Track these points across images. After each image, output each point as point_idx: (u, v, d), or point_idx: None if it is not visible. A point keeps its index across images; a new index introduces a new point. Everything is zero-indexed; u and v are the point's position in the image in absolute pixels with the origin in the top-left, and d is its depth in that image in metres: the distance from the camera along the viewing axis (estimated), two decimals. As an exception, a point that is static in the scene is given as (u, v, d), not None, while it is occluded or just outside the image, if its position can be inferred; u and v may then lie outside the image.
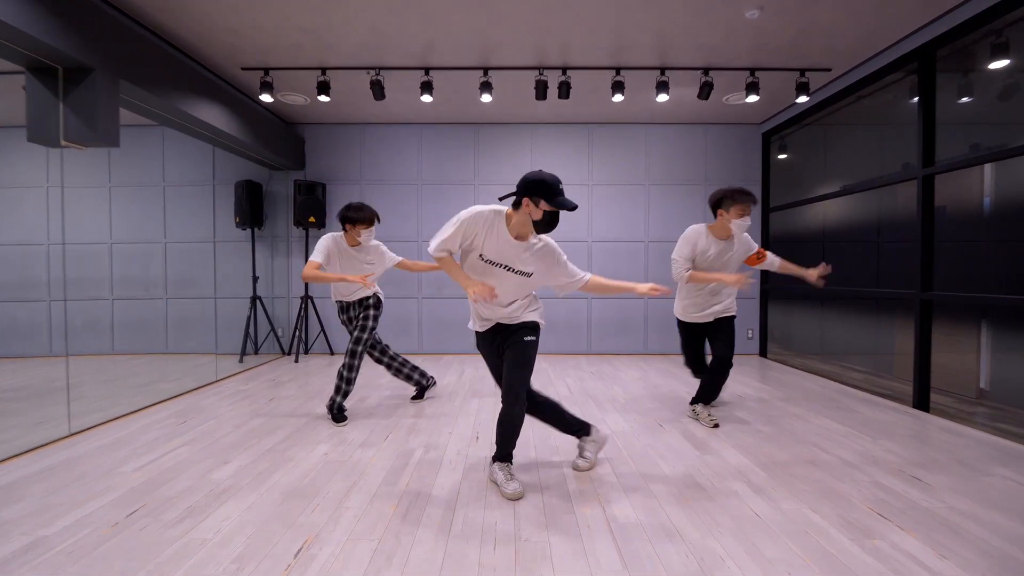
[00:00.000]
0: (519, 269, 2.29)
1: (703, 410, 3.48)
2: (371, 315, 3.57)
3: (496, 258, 2.27)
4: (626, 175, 6.21)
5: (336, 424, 3.40)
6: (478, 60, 4.38)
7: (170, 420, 3.52)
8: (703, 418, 3.44)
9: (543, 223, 2.16)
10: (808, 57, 4.35)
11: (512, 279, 2.31)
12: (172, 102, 3.94)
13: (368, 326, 3.53)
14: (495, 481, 2.45)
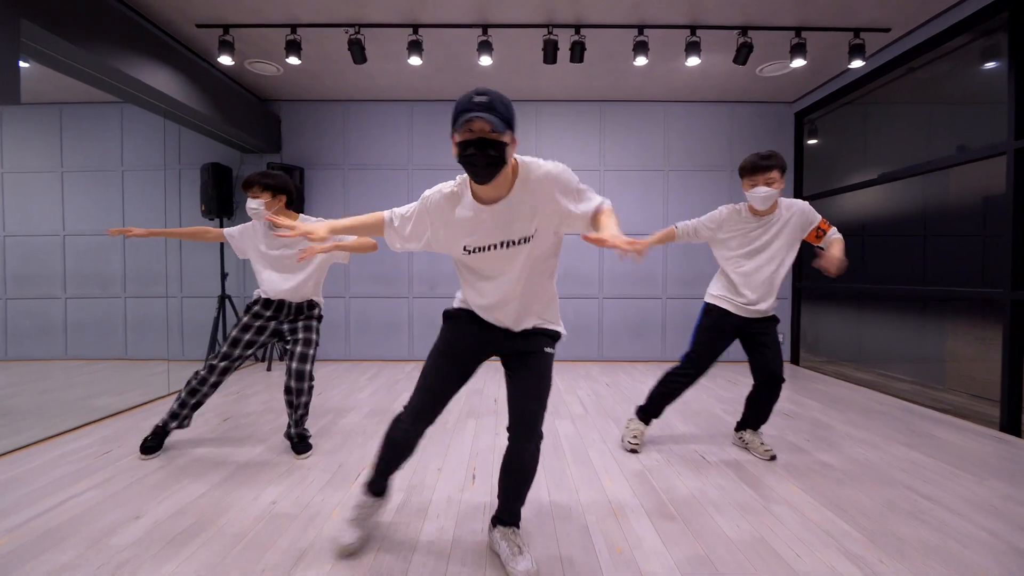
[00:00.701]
0: (510, 238, 1.54)
1: (753, 438, 2.80)
2: (315, 327, 2.81)
3: (477, 240, 1.55)
4: (643, 159, 5.53)
5: (297, 456, 2.71)
6: (476, 15, 3.70)
7: (91, 450, 2.82)
8: (755, 448, 2.76)
9: (466, 159, 1.39)
10: (864, 13, 3.67)
11: (510, 260, 1.57)
12: (105, 59, 3.24)
13: (314, 340, 2.78)
14: (497, 553, 1.76)
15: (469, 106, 1.36)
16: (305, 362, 2.71)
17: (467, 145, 1.37)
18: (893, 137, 5.12)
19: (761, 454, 2.71)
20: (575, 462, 2.67)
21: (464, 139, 1.38)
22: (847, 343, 5.59)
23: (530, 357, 1.69)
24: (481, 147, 1.35)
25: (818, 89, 5.07)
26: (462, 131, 1.37)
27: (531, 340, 1.70)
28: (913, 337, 5.11)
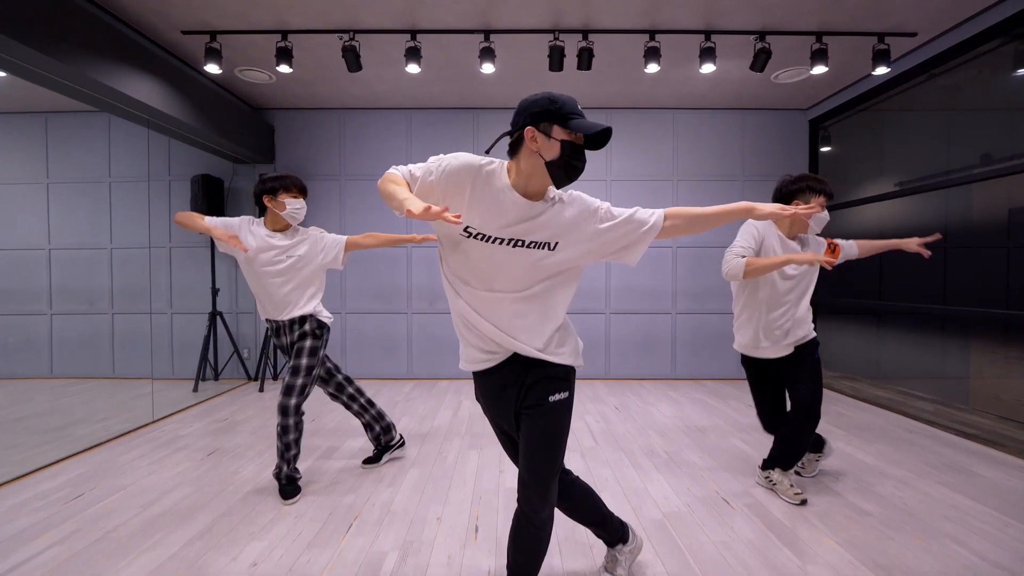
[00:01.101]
0: (534, 240, 1.36)
1: (782, 478, 2.57)
2: (307, 348, 2.56)
3: (492, 225, 1.34)
4: (651, 168, 5.31)
5: (284, 501, 2.48)
6: (478, 20, 3.48)
7: (62, 493, 2.60)
8: (784, 491, 2.53)
9: (562, 163, 1.31)
10: (891, 17, 3.45)
11: (524, 261, 1.38)
12: (81, 69, 3.03)
13: (303, 365, 2.54)
14: None
15: (592, 124, 1.30)
16: (290, 395, 2.49)
17: (577, 149, 1.32)
18: (912, 144, 4.91)
19: (791, 498, 2.48)
20: (587, 508, 2.44)
21: (574, 141, 1.31)
22: (864, 358, 5.36)
23: (539, 407, 1.46)
24: (583, 160, 1.35)
25: (834, 96, 4.85)
26: (574, 135, 1.31)
27: (535, 387, 1.47)
28: (934, 353, 4.89)
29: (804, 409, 2.46)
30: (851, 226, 5.10)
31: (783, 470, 2.58)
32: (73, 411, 4.19)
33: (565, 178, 1.34)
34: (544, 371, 1.47)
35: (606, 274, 5.29)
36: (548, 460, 1.47)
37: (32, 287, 5.34)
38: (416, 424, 3.76)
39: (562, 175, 1.33)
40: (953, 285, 4.64)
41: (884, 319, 5.18)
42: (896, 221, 4.86)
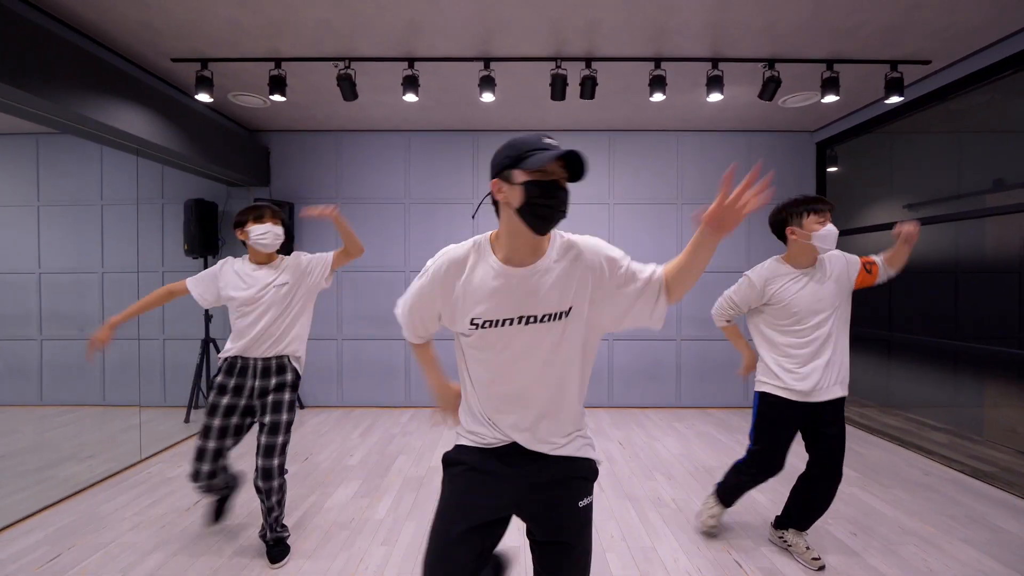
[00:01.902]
0: (542, 313, 1.22)
1: (798, 540, 2.43)
2: (285, 402, 2.34)
3: (497, 311, 1.23)
4: (654, 192, 5.19)
5: (272, 565, 2.35)
6: (477, 48, 3.37)
7: (40, 551, 2.46)
8: (800, 553, 2.39)
9: (527, 207, 1.17)
10: (906, 45, 3.34)
11: (537, 340, 1.23)
12: (70, 105, 2.92)
13: (283, 422, 2.32)
14: None
15: (543, 145, 1.16)
16: (271, 455, 2.29)
17: (544, 187, 1.16)
18: (921, 167, 4.80)
19: (808, 563, 2.34)
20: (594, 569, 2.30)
21: (543, 178, 1.16)
22: (873, 384, 5.23)
23: (559, 521, 1.28)
24: (561, 194, 1.18)
25: (843, 119, 4.74)
26: (541, 172, 1.16)
27: (559, 484, 1.28)
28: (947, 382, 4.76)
29: (828, 469, 2.29)
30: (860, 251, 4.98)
31: (798, 531, 2.45)
32: (59, 446, 4.06)
33: (539, 222, 1.18)
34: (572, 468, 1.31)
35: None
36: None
37: (22, 312, 5.22)
38: (413, 464, 3.63)
39: (535, 220, 1.18)
40: (965, 315, 4.52)
41: (893, 346, 5.05)
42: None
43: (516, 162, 1.16)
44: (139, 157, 3.97)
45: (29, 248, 5.22)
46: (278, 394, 2.34)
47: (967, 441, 4.14)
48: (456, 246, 1.29)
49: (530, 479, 1.28)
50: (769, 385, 2.30)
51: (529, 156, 1.15)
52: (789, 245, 2.28)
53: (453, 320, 1.28)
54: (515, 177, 1.17)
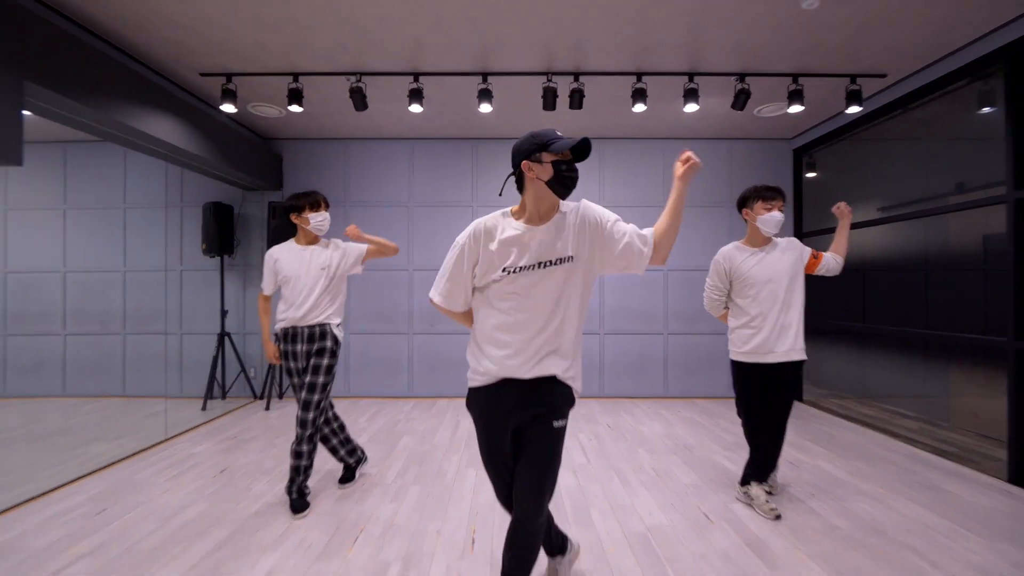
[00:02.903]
0: (554, 257, 1.64)
1: (759, 492, 2.76)
2: (324, 366, 2.75)
3: (520, 259, 1.63)
4: (641, 196, 5.55)
5: (294, 515, 2.66)
6: (476, 64, 3.74)
7: (84, 508, 2.78)
8: (760, 505, 2.71)
9: (557, 179, 1.61)
10: (862, 61, 3.71)
11: (549, 279, 1.64)
12: (110, 113, 3.27)
13: (319, 383, 2.73)
14: None
15: (569, 141, 1.58)
16: (308, 409, 2.70)
17: (567, 164, 1.60)
18: (892, 172, 5.15)
19: (766, 513, 2.66)
20: (577, 523, 2.62)
21: (561, 158, 1.60)
22: (851, 378, 5.54)
23: (543, 432, 1.67)
24: (576, 173, 1.62)
25: (816, 128, 5.11)
26: (560, 154, 1.59)
27: (541, 405, 1.66)
28: (917, 373, 5.06)
29: (773, 423, 2.72)
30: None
31: (758, 482, 2.77)
32: (88, 430, 4.37)
33: (564, 189, 1.62)
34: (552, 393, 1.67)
35: (600, 296, 5.50)
36: (546, 478, 1.67)
37: (48, 309, 5.55)
38: (417, 443, 3.94)
39: (560, 188, 1.61)
40: (934, 307, 4.84)
41: (868, 340, 5.36)
42: (877, 246, 5.07)
43: (543, 148, 1.58)
44: (168, 163, 4.32)
45: (55, 249, 5.57)
46: (318, 358, 2.75)
47: (935, 427, 4.45)
48: (485, 218, 1.68)
49: (523, 403, 1.65)
50: (737, 354, 2.78)
51: (552, 143, 1.57)
52: (748, 227, 2.76)
53: (487, 272, 1.65)
54: (544, 158, 1.58)
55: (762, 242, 2.74)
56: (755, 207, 2.68)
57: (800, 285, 2.71)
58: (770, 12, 3.08)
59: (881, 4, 2.99)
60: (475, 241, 1.66)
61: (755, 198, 2.69)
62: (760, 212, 2.67)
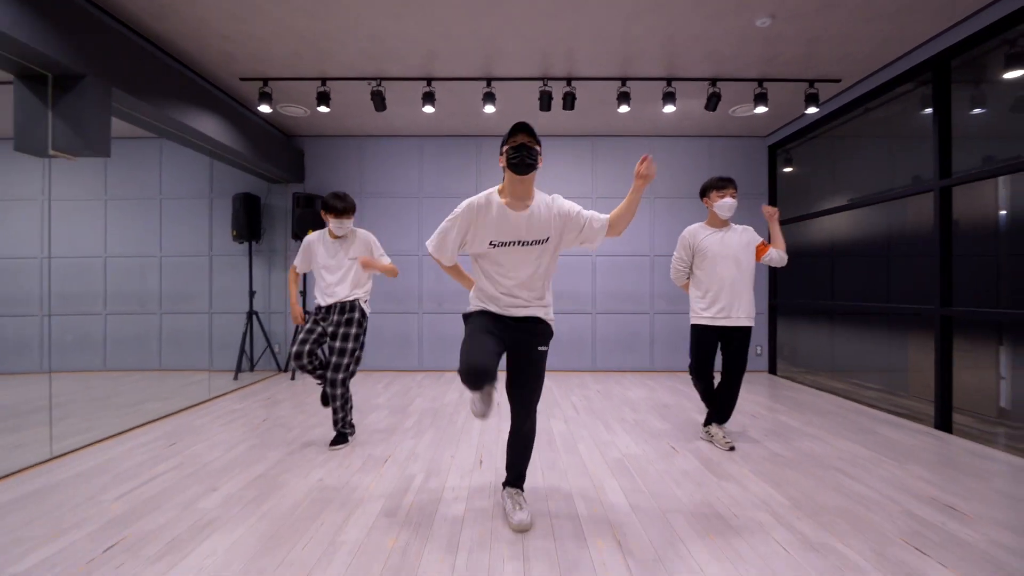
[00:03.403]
0: (532, 239, 2.12)
1: (717, 431, 3.32)
2: (352, 334, 3.17)
3: (504, 237, 2.11)
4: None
5: (329, 447, 3.22)
6: (481, 70, 4.29)
7: (158, 443, 3.35)
8: (718, 440, 3.27)
9: (509, 163, 2.05)
10: (818, 68, 4.26)
11: (527, 255, 2.13)
12: (166, 112, 3.83)
13: (348, 348, 3.16)
14: (504, 509, 2.29)
15: (516, 127, 2.05)
16: (337, 371, 3.16)
17: (517, 148, 2.02)
18: (859, 166, 5.69)
19: (722, 445, 3.22)
20: (565, 452, 3.18)
21: (513, 144, 2.04)
22: (821, 355, 6.09)
23: (529, 356, 2.19)
24: (525, 150, 2.02)
25: (785, 127, 5.66)
26: (511, 141, 2.04)
27: (530, 335, 2.18)
28: (882, 349, 5.61)
29: (733, 376, 3.27)
30: (808, 236, 5.86)
31: (718, 424, 3.33)
32: (138, 393, 4.94)
33: (515, 168, 2.03)
34: (536, 327, 2.21)
35: (592, 280, 6.06)
36: (533, 388, 2.23)
37: (90, 291, 6.11)
38: (429, 403, 4.51)
39: (513, 168, 2.04)
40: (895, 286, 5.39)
41: (837, 319, 5.91)
42: (846, 232, 5.61)
43: (504, 142, 2.09)
44: (210, 158, 4.88)
45: (97, 236, 6.12)
46: (347, 327, 3.18)
47: (895, 396, 4.99)
48: (477, 196, 2.14)
49: (515, 331, 2.20)
50: (697, 318, 3.30)
51: (508, 136, 2.08)
52: (708, 212, 3.31)
53: (475, 242, 2.17)
54: (503, 150, 2.09)
55: (720, 224, 3.27)
56: (712, 195, 3.22)
57: (750, 263, 3.23)
58: (731, 29, 3.63)
59: (825, 21, 3.54)
60: (467, 215, 2.11)
61: (711, 188, 3.23)
62: (715, 199, 3.20)
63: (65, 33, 2.90)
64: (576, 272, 6.02)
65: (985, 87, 3.87)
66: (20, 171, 5.45)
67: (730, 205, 3.16)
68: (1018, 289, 3.62)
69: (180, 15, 3.43)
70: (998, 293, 3.84)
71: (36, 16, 2.72)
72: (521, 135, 2.04)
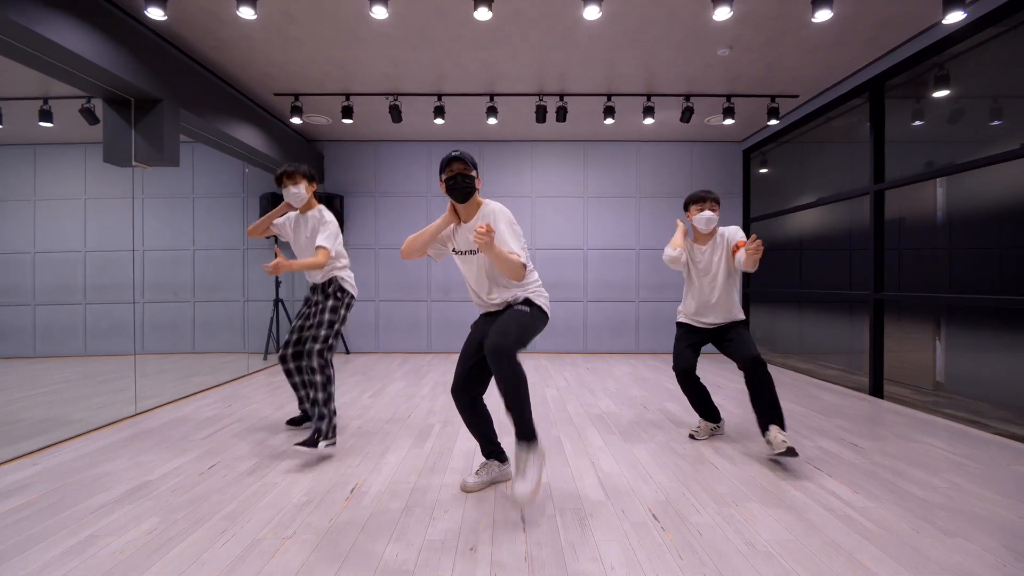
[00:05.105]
0: (468, 250, 2.31)
1: (776, 435, 2.70)
2: (328, 307, 2.93)
3: (461, 247, 2.35)
4: (619, 188, 6.76)
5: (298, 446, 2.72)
6: (485, 88, 4.95)
7: (218, 403, 4.03)
8: (777, 444, 2.66)
9: (450, 187, 2.22)
10: (776, 86, 4.92)
11: (476, 262, 2.30)
12: (215, 125, 4.48)
13: (324, 321, 2.90)
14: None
15: (449, 157, 2.21)
16: (314, 342, 2.88)
17: (452, 178, 2.21)
18: (823, 168, 6.36)
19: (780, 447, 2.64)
20: (556, 410, 3.87)
21: (449, 175, 2.22)
22: (791, 339, 6.78)
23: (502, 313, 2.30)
24: (460, 180, 2.21)
25: (758, 133, 6.33)
26: (447, 171, 2.22)
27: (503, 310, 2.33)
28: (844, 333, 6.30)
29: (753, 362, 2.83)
30: (779, 232, 6.54)
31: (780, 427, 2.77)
32: (181, 370, 5.61)
33: (452, 195, 2.22)
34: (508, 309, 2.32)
35: (584, 270, 6.73)
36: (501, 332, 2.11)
37: (126, 281, 6.77)
38: (440, 377, 5.19)
39: (453, 196, 2.22)
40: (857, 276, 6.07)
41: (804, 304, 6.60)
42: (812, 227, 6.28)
43: (440, 171, 2.25)
44: (245, 163, 5.53)
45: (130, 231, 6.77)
46: (324, 302, 3.00)
47: (852, 375, 5.68)
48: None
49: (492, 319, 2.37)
50: (682, 316, 3.29)
51: (442, 167, 2.23)
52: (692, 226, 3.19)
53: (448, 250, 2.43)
54: (441, 179, 2.26)
55: (703, 239, 3.12)
56: (691, 209, 3.12)
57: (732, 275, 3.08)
58: (697, 57, 4.29)
59: (774, 52, 4.20)
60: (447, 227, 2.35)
61: (690, 202, 3.13)
62: (694, 212, 3.08)
63: (145, 64, 3.55)
64: (569, 263, 6.69)
65: (924, 102, 4.54)
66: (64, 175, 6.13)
67: (707, 219, 3.05)
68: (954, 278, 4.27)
69: (235, 47, 4.08)
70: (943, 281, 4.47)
71: (124, 51, 3.37)
72: (455, 164, 2.19)
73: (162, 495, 2.31)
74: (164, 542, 1.90)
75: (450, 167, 2.21)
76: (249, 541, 1.91)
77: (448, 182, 2.22)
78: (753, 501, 2.27)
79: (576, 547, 1.88)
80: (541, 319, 2.33)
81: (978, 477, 2.56)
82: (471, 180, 2.22)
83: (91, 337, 6.64)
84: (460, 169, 2.20)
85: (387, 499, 2.30)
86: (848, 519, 2.10)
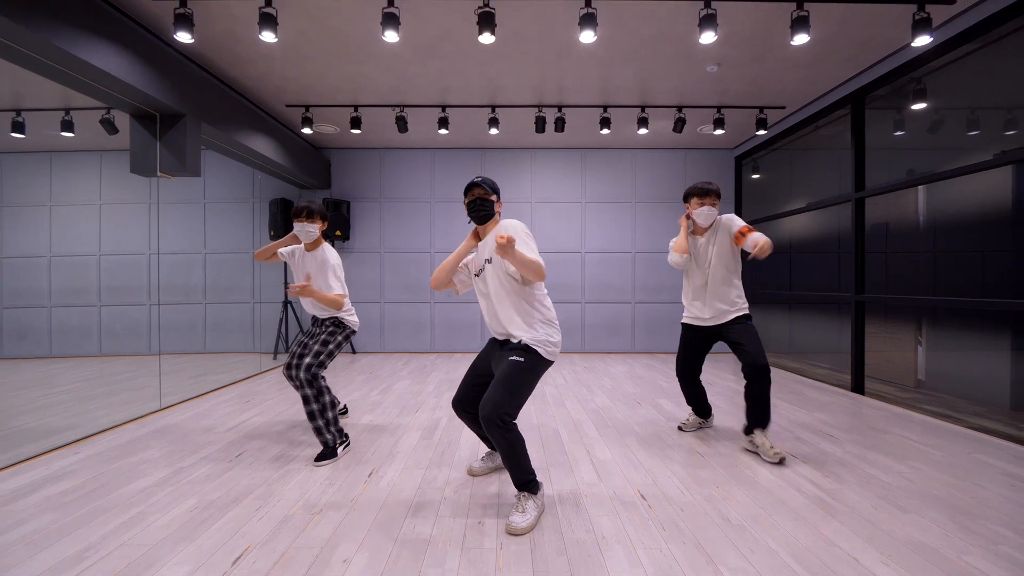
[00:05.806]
0: (485, 258, 2.32)
1: (763, 439, 2.91)
2: (321, 338, 3.04)
3: (478, 263, 2.39)
4: (615, 194, 7.02)
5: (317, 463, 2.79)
6: (487, 100, 5.19)
7: (236, 400, 4.27)
8: (765, 450, 2.86)
9: (472, 217, 2.34)
10: (764, 98, 5.17)
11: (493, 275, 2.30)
12: (230, 135, 4.73)
13: (321, 340, 3.03)
14: None
15: (471, 183, 2.33)
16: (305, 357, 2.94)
17: (472, 203, 2.32)
18: (812, 176, 6.61)
19: (769, 455, 2.83)
20: (555, 407, 4.11)
21: (469, 199, 2.34)
22: (781, 339, 7.03)
23: (504, 361, 2.24)
24: (478, 204, 2.32)
25: (749, 140, 6.58)
26: (468, 196, 2.34)
27: (506, 352, 2.27)
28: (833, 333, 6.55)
29: (754, 367, 2.90)
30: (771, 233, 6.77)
31: (762, 429, 2.95)
32: (195, 368, 5.85)
33: (477, 221, 2.33)
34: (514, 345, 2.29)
35: (581, 272, 6.98)
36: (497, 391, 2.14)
37: (140, 284, 7.01)
38: (444, 375, 5.43)
39: (473, 219, 2.34)
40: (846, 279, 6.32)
41: (794, 306, 6.85)
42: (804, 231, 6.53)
43: (465, 195, 2.35)
44: (255, 170, 5.78)
45: (146, 235, 7.01)
46: (325, 330, 3.13)
47: (841, 373, 5.92)
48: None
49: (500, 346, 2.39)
50: (684, 316, 3.34)
51: (466, 191, 2.33)
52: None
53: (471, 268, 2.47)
54: (464, 201, 2.35)
55: (701, 232, 3.13)
56: (692, 202, 3.11)
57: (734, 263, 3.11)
58: (688, 72, 4.54)
59: (759, 69, 4.45)
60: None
61: (692, 194, 3.12)
62: (695, 206, 3.08)
63: (169, 82, 3.80)
64: (567, 266, 6.94)
65: (905, 113, 4.79)
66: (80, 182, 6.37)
67: (707, 215, 3.05)
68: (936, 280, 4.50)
69: (251, 64, 4.33)
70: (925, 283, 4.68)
71: (152, 69, 3.62)
72: (475, 189, 2.31)
73: (197, 480, 2.56)
74: (206, 518, 2.14)
75: (471, 192, 2.33)
76: (282, 517, 2.15)
77: (469, 206, 2.34)
78: (732, 484, 2.52)
79: (572, 520, 2.13)
80: (542, 365, 2.30)
81: (939, 464, 2.81)
82: (490, 204, 2.31)
83: (106, 338, 6.89)
84: (479, 194, 2.30)
85: (402, 481, 2.54)
86: (816, 498, 2.35)
